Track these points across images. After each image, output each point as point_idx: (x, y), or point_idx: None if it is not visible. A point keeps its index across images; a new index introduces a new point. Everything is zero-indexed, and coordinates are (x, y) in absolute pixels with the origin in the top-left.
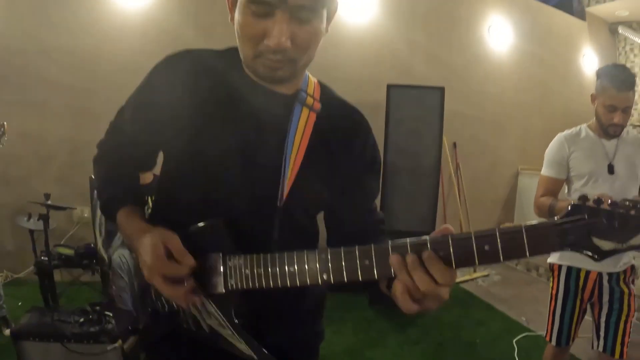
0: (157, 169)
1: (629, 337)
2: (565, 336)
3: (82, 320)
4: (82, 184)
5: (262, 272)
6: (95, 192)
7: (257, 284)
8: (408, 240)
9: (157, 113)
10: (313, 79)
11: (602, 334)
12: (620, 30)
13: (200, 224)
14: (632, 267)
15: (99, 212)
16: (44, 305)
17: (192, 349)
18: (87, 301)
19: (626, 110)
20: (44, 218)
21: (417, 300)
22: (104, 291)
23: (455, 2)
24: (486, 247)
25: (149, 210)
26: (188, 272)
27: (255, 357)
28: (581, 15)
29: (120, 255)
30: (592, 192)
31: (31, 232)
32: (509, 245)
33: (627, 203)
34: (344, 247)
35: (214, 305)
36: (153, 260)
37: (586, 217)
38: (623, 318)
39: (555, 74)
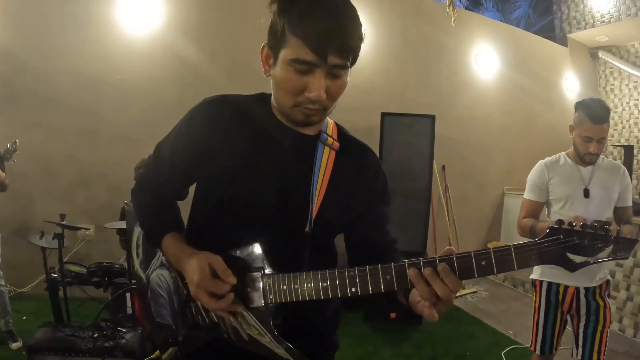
0: None
1: (605, 346)
2: (549, 346)
3: (96, 335)
4: (86, 202)
5: (299, 288)
6: (137, 220)
7: (294, 298)
8: (421, 259)
9: (197, 152)
10: (330, 121)
11: (580, 343)
12: (601, 54)
13: (242, 247)
14: (607, 282)
15: (135, 236)
16: (54, 321)
17: (229, 355)
18: (93, 318)
19: (601, 141)
20: (59, 237)
21: (432, 305)
22: (115, 305)
23: (444, 32)
24: (483, 263)
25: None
26: (230, 289)
27: (291, 358)
28: (563, 41)
29: (159, 275)
30: (569, 214)
31: (43, 249)
32: (501, 261)
33: (595, 224)
34: (369, 265)
35: (253, 317)
36: (200, 278)
37: (562, 237)
38: (599, 329)
39: (538, 98)
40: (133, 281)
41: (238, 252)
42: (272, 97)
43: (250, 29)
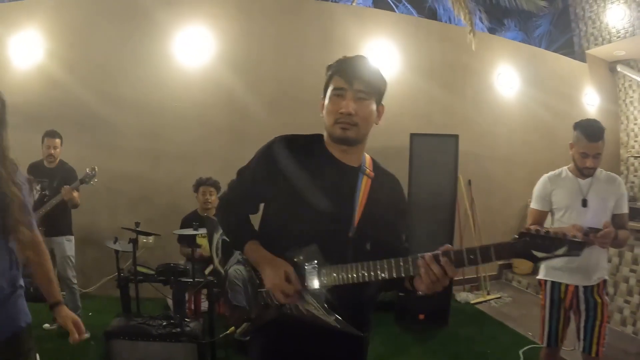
0: None
1: (604, 339)
2: (554, 338)
3: (164, 323)
4: (147, 214)
5: (344, 275)
6: (223, 231)
7: (341, 282)
8: (426, 253)
9: (269, 179)
10: (368, 157)
11: (581, 336)
12: (619, 68)
13: (304, 247)
14: (604, 281)
15: (215, 240)
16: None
17: (290, 328)
18: (157, 313)
19: (596, 156)
20: (134, 241)
21: (430, 286)
22: (176, 301)
23: (467, 55)
24: (471, 256)
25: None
26: (297, 296)
27: (338, 325)
28: (582, 57)
29: (235, 270)
30: (569, 222)
31: (116, 252)
32: (484, 254)
33: (551, 231)
34: (394, 259)
35: (312, 297)
36: (278, 281)
37: (528, 239)
38: (597, 323)
39: (560, 113)
40: (191, 280)
41: (301, 250)
42: (325, 133)
43: (290, 62)
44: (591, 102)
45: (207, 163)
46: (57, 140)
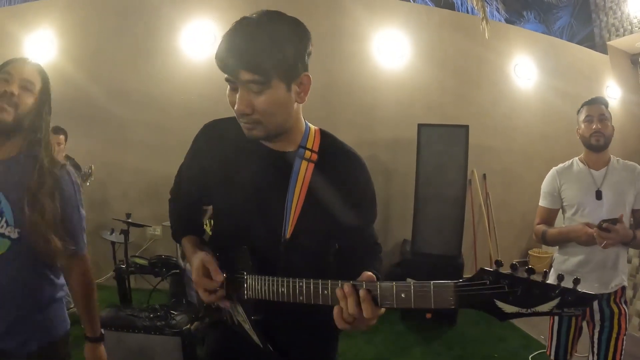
0: None
1: (621, 354)
2: (563, 351)
3: (151, 315)
4: (154, 207)
5: (268, 289)
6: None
7: (266, 297)
8: (352, 282)
9: (195, 172)
10: (314, 130)
11: (595, 350)
12: None
13: (235, 248)
14: (623, 288)
15: None
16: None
17: (231, 334)
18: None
19: (601, 119)
20: (125, 233)
21: (348, 322)
22: (172, 293)
23: (481, 45)
24: (402, 295)
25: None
26: (219, 285)
27: (261, 345)
28: (603, 49)
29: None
30: (581, 220)
31: (112, 244)
32: (419, 296)
33: (527, 269)
34: (321, 280)
35: (240, 307)
36: (196, 277)
37: (488, 282)
38: (614, 336)
39: (579, 105)
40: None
41: (232, 252)
42: None
43: None
44: (613, 94)
45: None
46: (61, 137)
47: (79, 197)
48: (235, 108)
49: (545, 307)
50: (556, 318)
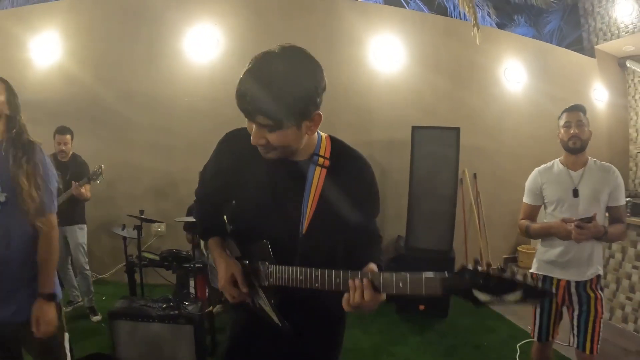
0: None
1: (598, 335)
2: (545, 333)
3: (164, 306)
4: (159, 204)
5: (287, 277)
6: (196, 221)
7: (285, 283)
8: (359, 272)
9: (221, 176)
10: (325, 137)
11: (575, 332)
12: (628, 64)
13: (258, 243)
14: (599, 277)
15: None
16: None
17: (251, 315)
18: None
19: (579, 125)
20: (138, 228)
21: (354, 307)
22: (181, 285)
23: (473, 50)
24: (400, 284)
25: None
26: (244, 295)
27: (280, 324)
28: (591, 52)
29: None
30: (560, 215)
31: (124, 239)
32: (413, 285)
33: (500, 267)
34: (335, 270)
35: (262, 292)
36: (225, 283)
37: (467, 276)
38: (591, 319)
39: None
40: (196, 265)
41: (253, 245)
42: None
43: None
44: (600, 97)
45: None
46: (68, 137)
47: (47, 168)
48: (252, 141)
49: (511, 297)
50: (538, 305)
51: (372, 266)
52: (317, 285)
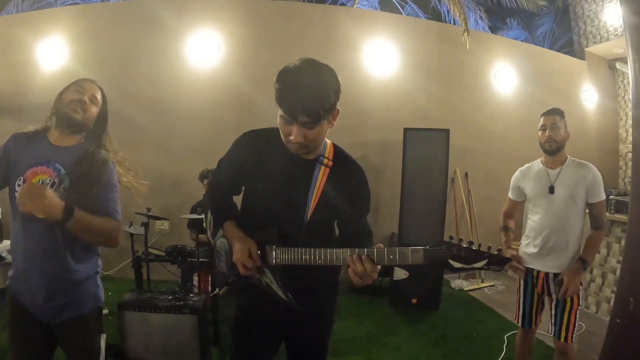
0: None
1: (574, 325)
2: (528, 319)
3: (170, 297)
4: (162, 203)
5: (294, 256)
6: (210, 210)
7: (291, 262)
8: (357, 249)
9: (238, 169)
10: (329, 143)
11: (552, 321)
12: (618, 66)
13: (268, 228)
14: None
15: (208, 217)
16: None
17: (258, 293)
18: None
19: (553, 127)
20: (145, 225)
21: (359, 277)
22: (185, 278)
23: (464, 53)
24: (391, 256)
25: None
26: (254, 270)
27: (285, 299)
28: (581, 55)
29: (221, 242)
30: (539, 210)
31: (131, 235)
32: (401, 256)
33: (470, 245)
34: (335, 249)
35: (269, 271)
36: (240, 255)
37: (444, 248)
38: (567, 309)
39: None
40: (200, 260)
41: (262, 229)
42: None
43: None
44: (590, 98)
45: (218, 157)
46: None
47: (114, 181)
48: (291, 138)
49: (479, 264)
50: (521, 293)
51: (379, 245)
52: (320, 262)
